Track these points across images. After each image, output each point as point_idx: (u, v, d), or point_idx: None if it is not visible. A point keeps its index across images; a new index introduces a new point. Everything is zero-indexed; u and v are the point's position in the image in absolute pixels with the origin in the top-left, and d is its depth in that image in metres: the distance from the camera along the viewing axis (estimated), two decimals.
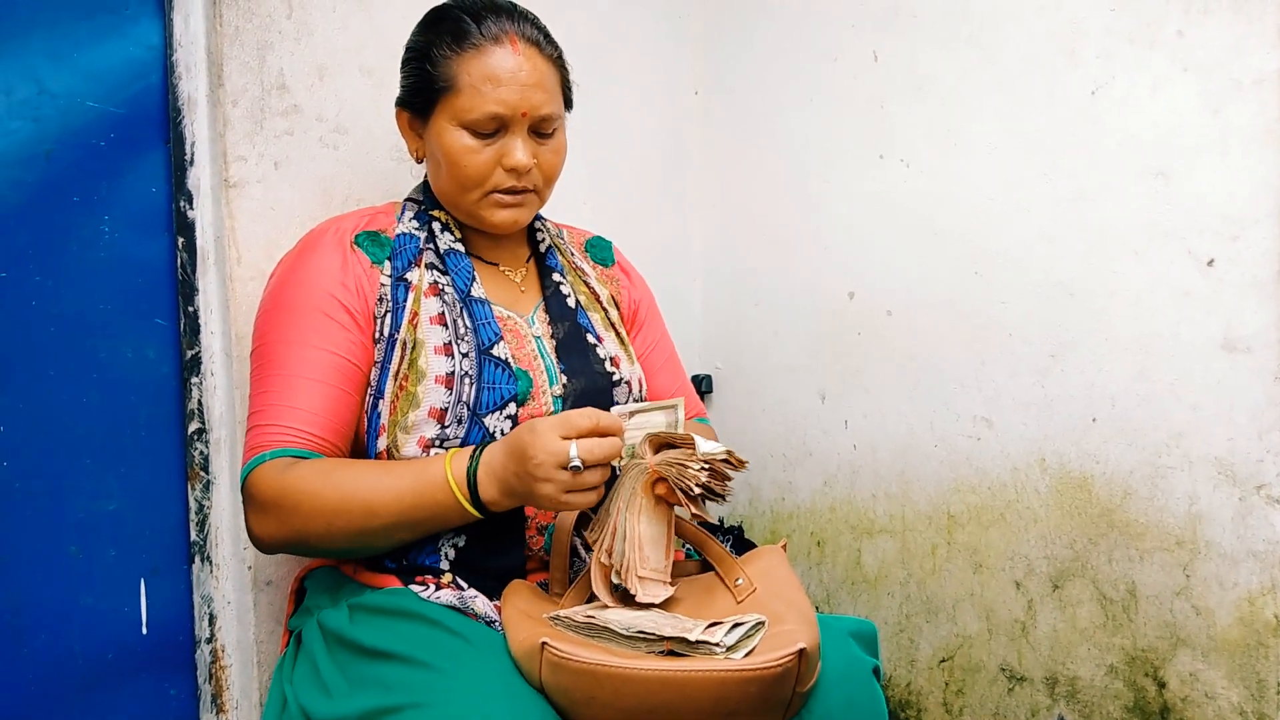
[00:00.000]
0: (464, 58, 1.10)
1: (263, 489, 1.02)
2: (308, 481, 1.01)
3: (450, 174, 1.13)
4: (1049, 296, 1.46)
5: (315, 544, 1.04)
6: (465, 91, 1.10)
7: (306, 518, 1.01)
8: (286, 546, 1.06)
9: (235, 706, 1.35)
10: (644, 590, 0.96)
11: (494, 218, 1.15)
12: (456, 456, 1.02)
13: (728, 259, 1.96)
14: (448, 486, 1.00)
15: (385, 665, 0.96)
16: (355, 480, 1.02)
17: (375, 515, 1.01)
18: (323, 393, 1.06)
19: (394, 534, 1.03)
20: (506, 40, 1.10)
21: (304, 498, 1.01)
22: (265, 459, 1.04)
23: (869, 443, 1.72)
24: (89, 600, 1.26)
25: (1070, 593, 1.46)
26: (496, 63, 1.09)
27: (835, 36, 1.73)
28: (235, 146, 1.31)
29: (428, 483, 1.01)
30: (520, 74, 1.10)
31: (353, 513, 1.00)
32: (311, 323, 1.08)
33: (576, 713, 0.89)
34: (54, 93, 1.22)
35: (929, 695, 1.64)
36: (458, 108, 1.10)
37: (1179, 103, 1.32)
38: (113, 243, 1.28)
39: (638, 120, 1.87)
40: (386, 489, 1.01)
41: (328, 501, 1.00)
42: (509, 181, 1.13)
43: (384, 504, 1.01)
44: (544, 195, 1.19)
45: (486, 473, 1.00)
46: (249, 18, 1.32)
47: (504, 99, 1.09)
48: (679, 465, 0.96)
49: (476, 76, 1.09)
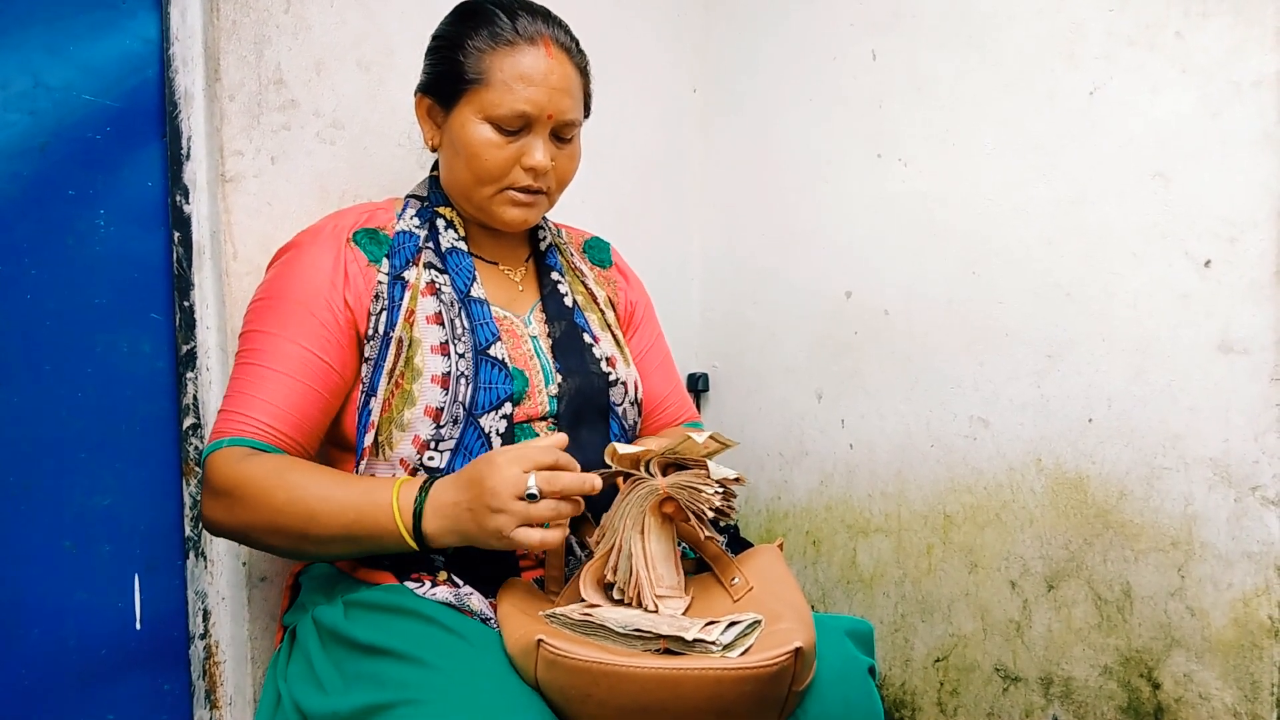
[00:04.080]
0: (498, 53, 1.10)
1: (217, 475, 1.03)
2: (260, 477, 1.01)
3: (469, 165, 1.13)
4: (1047, 297, 1.46)
5: (258, 539, 1.04)
6: (496, 87, 1.10)
7: (253, 511, 1.01)
8: (232, 535, 1.06)
9: (229, 702, 1.35)
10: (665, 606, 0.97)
11: (505, 215, 1.15)
12: (407, 485, 1.00)
13: (726, 258, 1.96)
14: (391, 512, 0.98)
15: (380, 661, 0.96)
16: (305, 485, 1.01)
17: (316, 523, 1.00)
18: (291, 389, 1.06)
19: (333, 546, 1.02)
20: (541, 42, 1.12)
21: (254, 491, 1.00)
22: (224, 445, 1.04)
23: (866, 442, 1.72)
24: (83, 596, 1.25)
25: (1065, 593, 1.46)
26: (530, 62, 1.10)
27: (835, 36, 1.73)
28: (232, 141, 1.31)
29: (373, 504, 0.99)
30: (551, 77, 1.11)
31: (296, 515, 1.00)
32: (295, 318, 1.08)
33: (572, 710, 0.89)
34: (50, 86, 1.22)
35: (924, 695, 1.64)
36: (486, 101, 1.11)
37: (1178, 105, 1.32)
38: (108, 237, 1.27)
39: (637, 119, 1.87)
40: (332, 500, 1.00)
41: (275, 500, 1.00)
42: (525, 180, 1.14)
43: (327, 514, 0.99)
44: (554, 199, 1.20)
45: (434, 507, 0.98)
46: (246, 12, 1.32)
47: (533, 99, 1.10)
48: (691, 489, 0.96)
49: (509, 73, 1.10)
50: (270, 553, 1.14)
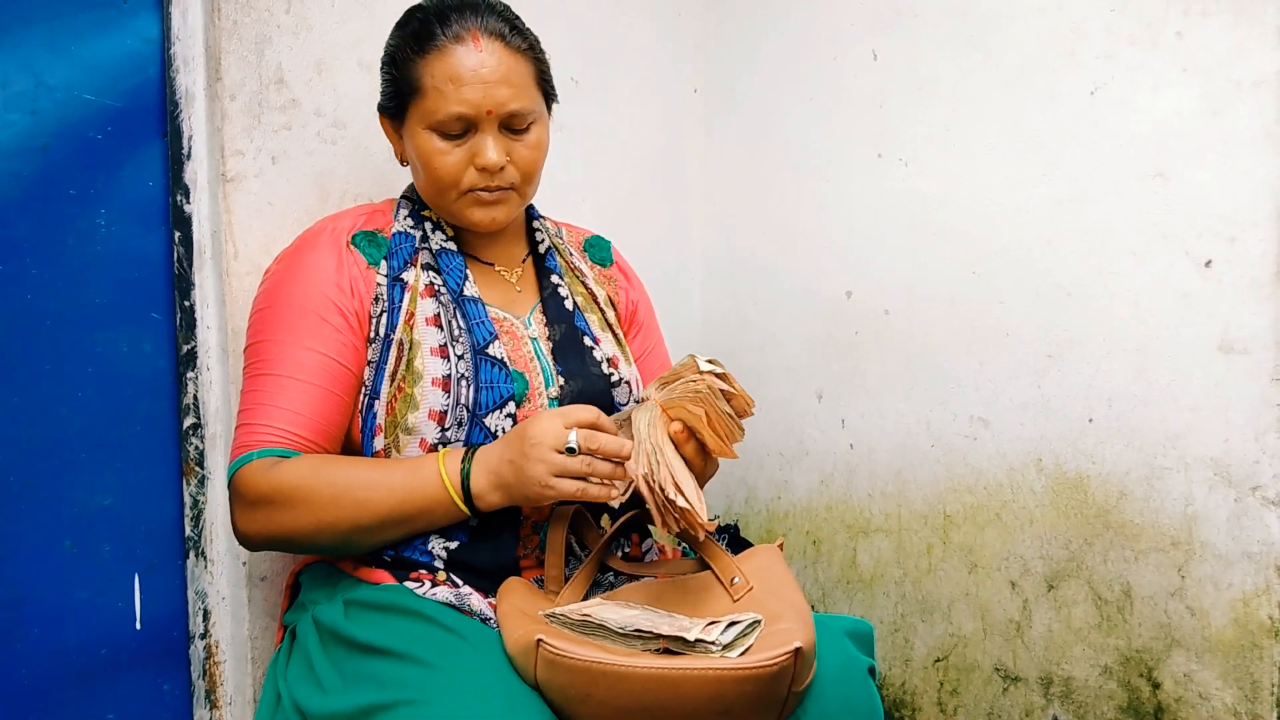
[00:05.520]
0: (427, 59, 1.08)
1: (251, 486, 1.03)
2: (298, 477, 1.01)
3: (426, 176, 1.13)
4: (1047, 297, 1.46)
5: (303, 540, 1.04)
6: (430, 94, 1.08)
7: (297, 513, 1.01)
8: (273, 543, 1.07)
9: (229, 702, 1.35)
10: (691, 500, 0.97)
11: (473, 217, 1.14)
12: (451, 452, 1.04)
13: (726, 257, 1.96)
14: (440, 482, 1.01)
15: (380, 661, 0.96)
16: (347, 476, 1.02)
17: (366, 511, 1.01)
18: (312, 394, 1.06)
19: (385, 531, 1.03)
20: (468, 37, 1.08)
21: (295, 492, 1.01)
22: (252, 458, 1.04)
23: (866, 442, 1.72)
24: (84, 595, 1.25)
25: (1065, 593, 1.46)
26: (457, 61, 1.07)
27: (835, 36, 1.73)
28: (233, 141, 1.31)
29: (420, 479, 1.02)
30: (483, 70, 1.07)
31: (343, 507, 1.01)
32: (304, 323, 1.08)
33: (572, 710, 0.89)
34: (51, 85, 1.22)
35: (924, 695, 1.64)
36: (424, 110, 1.09)
37: (1179, 104, 1.32)
38: (109, 236, 1.27)
39: (637, 118, 1.87)
40: (378, 484, 1.02)
41: (320, 496, 1.01)
42: (482, 181, 1.11)
43: (376, 500, 1.01)
44: (525, 192, 1.16)
45: (480, 467, 1.02)
46: (247, 12, 1.32)
47: (467, 98, 1.07)
48: (684, 384, 1.00)
49: (439, 77, 1.07)
50: (311, 551, 1.13)
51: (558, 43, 1.18)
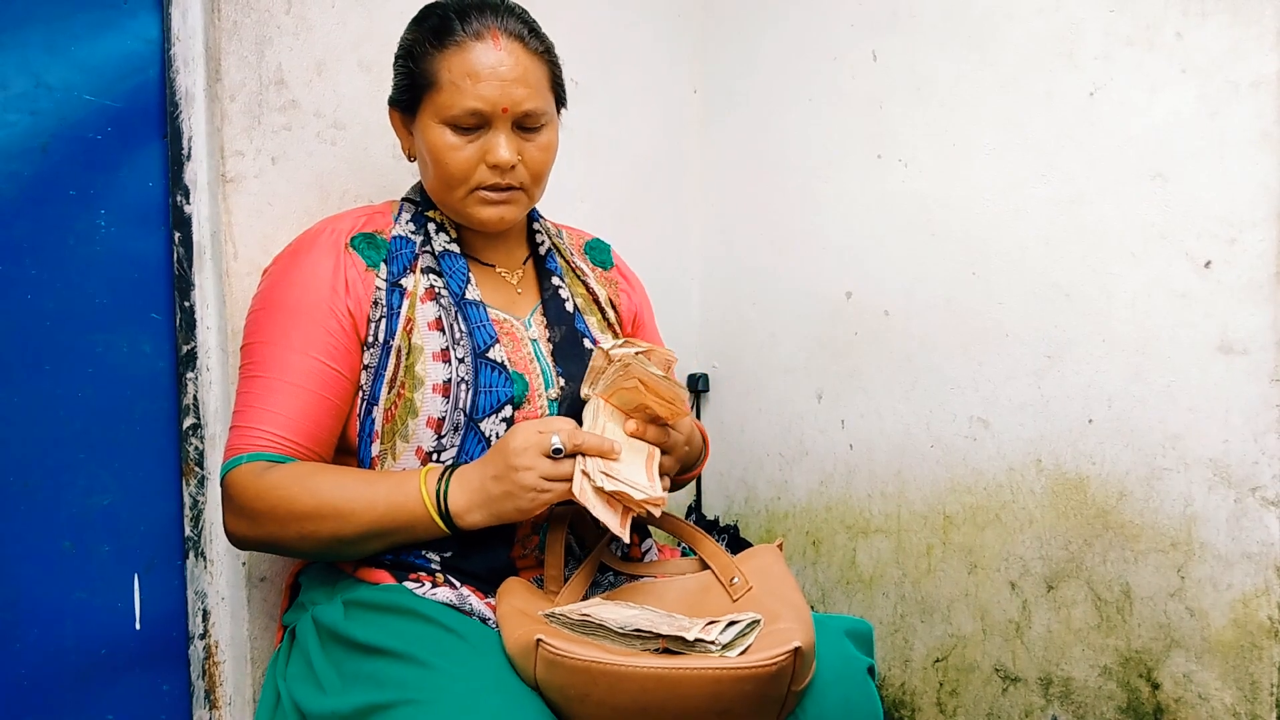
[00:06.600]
0: (445, 54, 1.09)
1: (239, 492, 1.04)
2: (284, 487, 1.02)
3: (435, 171, 1.13)
4: (1046, 297, 1.46)
5: (287, 547, 1.06)
6: (446, 88, 1.09)
7: (281, 523, 1.02)
8: (261, 547, 1.08)
9: (229, 702, 1.35)
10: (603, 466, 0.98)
11: (480, 215, 1.14)
12: (432, 470, 1.04)
13: (726, 258, 1.96)
14: (421, 500, 1.02)
15: (380, 661, 0.96)
16: (331, 488, 1.03)
17: (349, 524, 1.02)
18: (305, 399, 1.07)
19: (368, 543, 1.04)
20: (488, 35, 1.09)
21: (279, 502, 1.02)
22: (242, 461, 1.05)
23: (865, 443, 1.72)
24: (83, 595, 1.25)
25: (1065, 594, 1.46)
26: (476, 58, 1.09)
27: (835, 36, 1.73)
28: (233, 141, 1.31)
29: (402, 494, 1.02)
30: (501, 69, 1.09)
31: (325, 519, 1.01)
32: (300, 327, 1.08)
33: (571, 710, 0.89)
34: (51, 86, 1.22)
35: (923, 695, 1.64)
36: (439, 104, 1.10)
37: (1177, 105, 1.32)
38: (109, 237, 1.27)
39: (637, 119, 1.87)
40: (360, 498, 1.02)
41: (302, 507, 1.01)
42: (493, 178, 1.12)
43: (358, 513, 1.02)
44: (533, 193, 1.17)
45: (458, 486, 1.02)
46: (247, 12, 1.32)
47: (483, 94, 1.08)
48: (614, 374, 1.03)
49: (456, 72, 1.08)
50: (298, 557, 1.15)
51: (558, 43, 1.18)
